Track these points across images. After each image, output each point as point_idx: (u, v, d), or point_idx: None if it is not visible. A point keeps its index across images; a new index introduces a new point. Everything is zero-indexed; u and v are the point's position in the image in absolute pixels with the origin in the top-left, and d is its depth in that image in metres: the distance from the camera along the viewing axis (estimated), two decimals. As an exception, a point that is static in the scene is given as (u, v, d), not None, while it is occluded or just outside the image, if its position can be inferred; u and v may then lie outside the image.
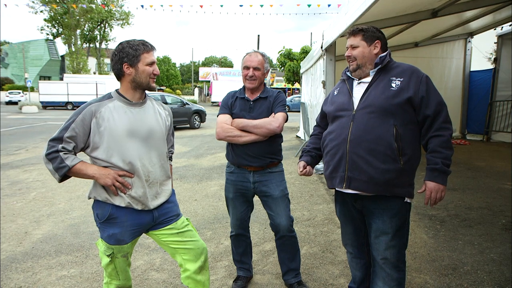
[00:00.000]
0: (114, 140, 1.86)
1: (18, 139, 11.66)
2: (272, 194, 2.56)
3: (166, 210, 2.07)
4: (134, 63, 1.90)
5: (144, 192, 1.94)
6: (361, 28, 2.05)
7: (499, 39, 10.00)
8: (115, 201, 1.91)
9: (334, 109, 2.14)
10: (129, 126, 1.89)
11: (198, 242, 2.11)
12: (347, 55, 2.07)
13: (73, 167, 1.82)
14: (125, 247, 2.03)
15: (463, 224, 4.03)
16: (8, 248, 3.57)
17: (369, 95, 1.98)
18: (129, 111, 1.92)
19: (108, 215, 1.93)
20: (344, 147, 1.99)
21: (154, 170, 1.99)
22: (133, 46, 1.89)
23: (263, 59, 2.54)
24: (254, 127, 2.45)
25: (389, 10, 5.99)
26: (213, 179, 6.45)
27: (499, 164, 7.10)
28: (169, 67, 62.50)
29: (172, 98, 15.62)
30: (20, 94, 34.91)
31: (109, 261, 2.04)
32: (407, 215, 2.02)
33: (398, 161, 1.88)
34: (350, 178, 1.99)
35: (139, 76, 1.92)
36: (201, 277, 2.11)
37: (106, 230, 1.96)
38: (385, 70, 2.02)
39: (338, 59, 7.09)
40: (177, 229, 2.08)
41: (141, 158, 1.93)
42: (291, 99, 30.59)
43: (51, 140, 1.82)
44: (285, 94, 28.55)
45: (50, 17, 42.76)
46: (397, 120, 1.90)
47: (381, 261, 2.01)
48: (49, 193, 5.52)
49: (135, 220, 1.97)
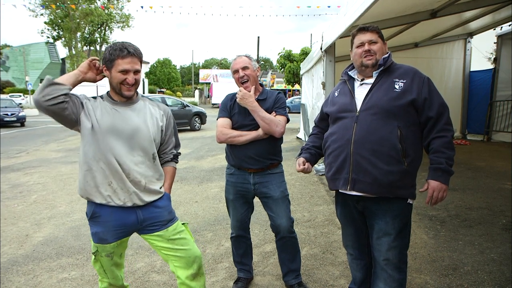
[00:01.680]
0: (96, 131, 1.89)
1: (19, 142, 11.68)
2: (273, 195, 2.56)
3: (154, 215, 2.03)
4: (109, 67, 1.91)
5: (124, 187, 1.93)
6: (376, 26, 2.06)
7: (499, 39, 10.00)
8: (95, 199, 1.93)
9: (336, 110, 2.12)
10: (111, 123, 1.91)
11: (189, 250, 2.08)
12: (366, 50, 2.01)
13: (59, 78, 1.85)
14: (108, 247, 2.02)
15: (464, 224, 4.03)
16: (9, 251, 3.58)
17: (372, 96, 1.98)
18: (114, 110, 1.95)
19: (92, 213, 1.96)
20: (348, 148, 1.98)
21: (139, 169, 1.96)
22: (111, 50, 1.88)
23: (247, 58, 2.56)
24: (262, 118, 2.43)
25: (389, 11, 6.00)
26: (214, 181, 6.46)
27: (499, 164, 7.09)
28: (169, 69, 62.54)
29: (172, 100, 15.65)
30: (21, 97, 34.98)
31: (93, 258, 2.08)
32: (409, 216, 2.02)
33: (402, 162, 1.88)
34: (354, 180, 1.97)
35: (112, 81, 1.93)
36: (195, 283, 2.10)
37: (92, 227, 2.01)
38: (387, 71, 2.02)
39: (337, 60, 7.10)
40: (167, 237, 2.05)
41: (121, 156, 1.91)
42: (292, 101, 30.57)
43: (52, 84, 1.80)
44: (285, 95, 28.52)
45: (50, 20, 42.84)
46: (400, 121, 1.91)
47: (383, 262, 2.00)
48: (50, 195, 5.53)
49: (118, 221, 1.96)
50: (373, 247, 2.07)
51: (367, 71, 2.05)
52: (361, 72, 2.09)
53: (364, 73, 2.07)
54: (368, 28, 2.05)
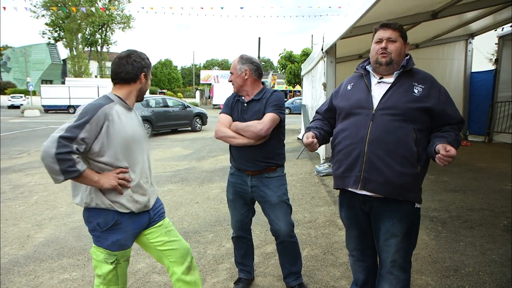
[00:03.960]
0: (122, 144, 1.85)
1: (20, 143, 11.70)
2: (269, 200, 2.54)
3: (158, 209, 2.13)
4: (148, 75, 2.01)
5: (145, 192, 1.99)
6: (400, 24, 2.00)
7: (500, 40, 9.99)
8: (118, 208, 1.89)
9: (349, 105, 2.06)
10: (131, 131, 1.91)
11: (182, 242, 2.14)
12: (383, 47, 1.95)
13: (83, 173, 1.72)
14: (128, 251, 2.05)
15: (465, 225, 4.02)
16: (11, 251, 3.58)
17: (391, 97, 1.94)
18: (128, 116, 1.95)
19: (114, 222, 1.89)
20: (361, 146, 1.94)
21: (149, 171, 2.08)
22: (149, 59, 2.01)
23: (236, 62, 2.55)
24: (242, 130, 2.45)
25: (389, 12, 6.00)
26: (215, 181, 6.46)
27: (500, 165, 7.08)
28: (170, 70, 62.60)
29: (173, 101, 15.63)
30: (22, 98, 35.02)
31: (112, 268, 1.99)
32: (416, 218, 2.00)
33: (415, 166, 1.87)
34: (366, 179, 1.94)
35: (145, 87, 2.02)
36: (191, 277, 2.11)
37: (109, 237, 1.92)
38: (408, 73, 1.98)
39: (338, 61, 7.12)
40: (165, 227, 2.11)
41: (143, 162, 1.99)
42: (293, 101, 30.57)
43: (61, 138, 1.65)
44: (286, 96, 28.34)
45: (51, 21, 42.96)
46: (416, 125, 1.89)
47: (390, 264, 1.99)
48: (51, 196, 5.54)
49: (136, 223, 1.99)
50: (380, 249, 2.04)
51: (381, 69, 2.00)
52: (375, 69, 2.04)
53: (378, 70, 2.02)
54: (391, 25, 1.99)
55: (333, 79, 6.79)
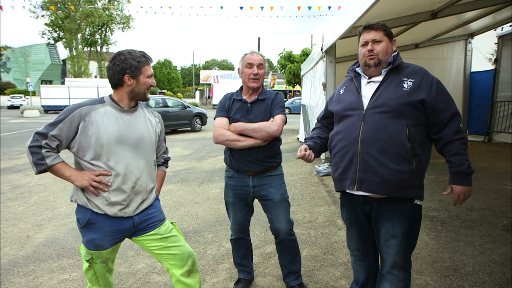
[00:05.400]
0: (101, 145, 1.85)
1: (20, 143, 11.69)
2: (272, 198, 2.54)
3: (149, 216, 2.04)
4: (136, 75, 1.92)
5: (126, 198, 1.93)
6: (382, 23, 2.01)
7: (500, 39, 10.00)
8: (93, 207, 1.90)
9: (342, 108, 2.08)
10: (118, 133, 1.88)
11: (183, 247, 2.09)
12: (369, 49, 1.97)
13: (52, 167, 1.85)
14: (104, 253, 2.01)
15: (464, 225, 4.02)
16: (10, 252, 3.58)
17: (381, 95, 1.94)
18: (120, 118, 1.92)
19: (87, 220, 1.92)
20: (354, 147, 1.94)
21: (142, 177, 1.98)
22: (136, 58, 1.90)
23: (263, 58, 2.54)
24: (252, 131, 2.41)
25: (389, 12, 6.00)
26: (214, 181, 6.46)
27: (500, 165, 7.09)
28: (170, 70, 62.61)
29: (173, 101, 15.63)
30: (22, 98, 35.03)
31: (88, 266, 2.03)
32: (416, 217, 1.99)
33: (411, 162, 1.86)
34: (361, 180, 1.94)
35: (139, 88, 1.94)
36: (191, 280, 2.09)
37: (86, 234, 1.96)
38: (396, 70, 1.98)
39: (338, 61, 7.11)
40: (160, 235, 2.05)
41: (129, 165, 1.92)
42: (292, 101, 30.57)
43: (36, 133, 1.81)
44: (285, 96, 28.39)
45: (51, 21, 42.94)
46: (408, 120, 1.88)
47: (391, 264, 1.99)
48: (51, 197, 5.54)
49: (114, 226, 1.95)
50: (381, 250, 2.04)
51: (370, 71, 2.02)
52: (365, 71, 2.06)
53: (368, 72, 2.04)
54: (373, 26, 2.00)
55: (332, 79, 6.79)
